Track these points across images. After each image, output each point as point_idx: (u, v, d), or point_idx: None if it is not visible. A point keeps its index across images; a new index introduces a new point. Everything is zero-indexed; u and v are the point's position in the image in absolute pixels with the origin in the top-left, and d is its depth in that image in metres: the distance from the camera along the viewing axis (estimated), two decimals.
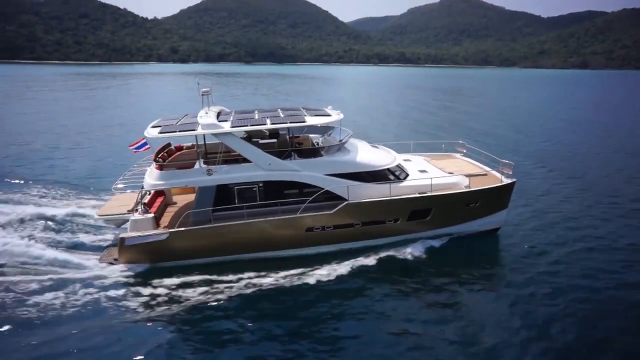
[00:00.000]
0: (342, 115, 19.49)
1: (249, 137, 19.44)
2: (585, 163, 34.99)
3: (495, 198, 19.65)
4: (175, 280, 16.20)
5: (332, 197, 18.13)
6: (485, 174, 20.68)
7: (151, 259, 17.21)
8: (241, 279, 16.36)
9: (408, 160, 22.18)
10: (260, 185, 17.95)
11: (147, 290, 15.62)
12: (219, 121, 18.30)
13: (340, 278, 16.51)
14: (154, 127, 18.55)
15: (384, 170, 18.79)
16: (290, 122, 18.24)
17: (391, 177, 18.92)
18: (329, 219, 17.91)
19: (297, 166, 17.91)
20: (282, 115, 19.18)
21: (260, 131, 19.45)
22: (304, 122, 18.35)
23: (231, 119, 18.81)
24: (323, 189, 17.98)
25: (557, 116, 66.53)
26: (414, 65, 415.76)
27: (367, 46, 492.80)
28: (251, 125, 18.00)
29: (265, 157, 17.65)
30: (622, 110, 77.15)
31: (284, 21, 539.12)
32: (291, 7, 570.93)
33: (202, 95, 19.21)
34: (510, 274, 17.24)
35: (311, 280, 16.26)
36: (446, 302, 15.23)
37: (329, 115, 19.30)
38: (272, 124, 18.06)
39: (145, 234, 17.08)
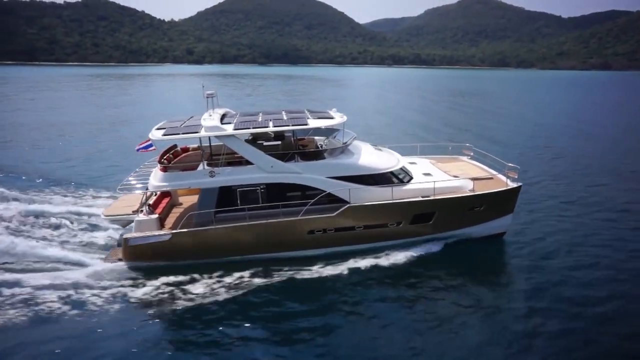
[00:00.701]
0: (345, 118, 19.52)
1: (255, 139, 19.65)
2: (598, 168, 33.84)
3: (500, 202, 19.36)
4: (178, 281, 16.39)
5: (334, 200, 18.16)
6: (491, 178, 20.39)
7: (154, 259, 17.43)
8: (243, 280, 16.49)
9: (413, 163, 22.00)
10: (263, 187, 18.07)
11: (150, 290, 15.85)
12: (223, 123, 18.46)
13: (341, 281, 16.49)
14: (158, 129, 18.82)
15: (386, 173, 18.69)
16: (293, 125, 18.26)
17: (394, 180, 18.75)
18: (330, 221, 17.92)
19: (299, 169, 17.95)
20: (285, 118, 19.25)
21: (266, 133, 19.49)
22: (306, 125, 18.34)
23: (234, 121, 18.93)
24: (325, 191, 18.01)
25: (573, 119, 64.65)
26: (428, 67, 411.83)
27: (382, 47, 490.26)
28: (253, 128, 18.07)
29: (267, 160, 17.74)
30: None
31: (300, 23, 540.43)
32: (307, 8, 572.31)
33: (207, 97, 19.39)
34: (514, 280, 17.02)
35: (311, 283, 16.33)
36: (447, 307, 15.01)
37: (332, 118, 19.30)
38: (275, 126, 18.18)
39: (148, 234, 17.32)
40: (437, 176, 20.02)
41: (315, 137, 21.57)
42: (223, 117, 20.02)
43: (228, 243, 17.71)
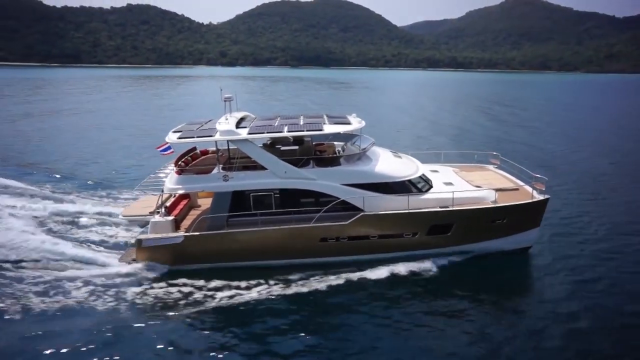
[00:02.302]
0: (363, 123, 19.23)
1: (273, 143, 19.77)
2: (636, 182, 31.25)
3: (525, 215, 18.49)
4: (189, 284, 16.60)
5: (348, 208, 17.81)
6: (517, 189, 19.47)
7: (167, 261, 17.62)
8: (255, 285, 16.56)
9: (435, 171, 21.39)
10: (276, 192, 17.98)
11: (161, 292, 16.17)
12: (239, 128, 18.49)
13: (353, 291, 16.21)
14: (175, 131, 19.14)
15: (403, 181, 18.21)
16: (307, 130, 18.12)
17: (412, 188, 18.25)
18: (343, 229, 17.63)
19: (314, 175, 17.75)
20: (301, 123, 19.16)
21: (286, 138, 19.46)
22: (321, 130, 18.15)
23: (250, 125, 18.91)
24: (339, 198, 17.71)
25: (614, 126, 60.70)
26: (465, 70, 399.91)
27: (417, 50, 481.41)
28: (267, 133, 18.05)
29: (280, 165, 17.61)
30: None
31: (335, 25, 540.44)
32: (344, 11, 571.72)
33: (225, 101, 19.34)
34: (538, 298, 16.22)
35: (320, 291, 16.16)
36: (462, 323, 14.50)
37: (349, 124, 19.02)
38: (289, 131, 18.05)
39: (161, 236, 17.52)
40: (458, 186, 19.28)
41: (335, 143, 21.26)
42: (240, 121, 19.96)
43: (240, 248, 17.63)
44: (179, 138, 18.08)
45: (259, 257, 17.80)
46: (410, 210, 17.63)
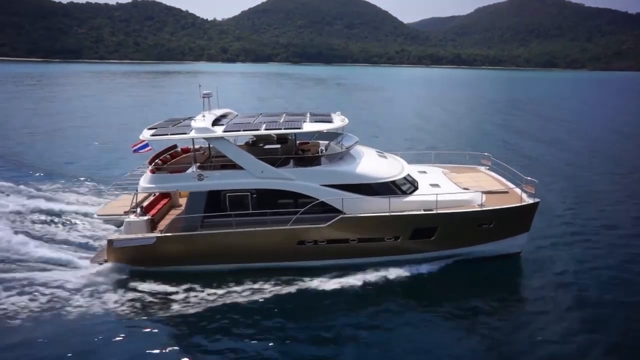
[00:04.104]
0: (346, 122, 18.76)
1: (257, 141, 19.39)
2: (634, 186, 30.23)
3: (513, 219, 17.73)
4: (159, 287, 16.08)
5: (328, 210, 17.11)
6: (507, 192, 18.77)
7: (139, 263, 17.09)
8: (229, 289, 16.02)
9: (423, 172, 20.79)
10: (253, 193, 17.44)
11: (130, 294, 15.70)
12: (218, 125, 18.10)
13: (331, 297, 15.57)
14: (150, 128, 18.65)
15: (386, 182, 17.53)
16: (285, 129, 17.67)
17: (396, 190, 17.55)
18: (322, 232, 16.98)
19: (292, 175, 17.14)
20: (281, 121, 18.70)
21: (269, 136, 19.07)
22: (300, 128, 17.69)
23: (227, 123, 18.56)
24: (318, 199, 17.03)
25: (616, 124, 59.62)
26: (468, 67, 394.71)
27: (422, 47, 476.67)
28: (244, 130, 17.65)
29: (257, 164, 17.03)
30: None
31: (340, 22, 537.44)
32: (349, 7, 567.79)
33: (203, 97, 18.95)
34: (526, 306, 15.68)
35: (297, 296, 15.58)
36: (446, 330, 13.96)
37: (330, 122, 18.49)
38: (267, 129, 17.60)
39: (133, 237, 17.01)
40: (445, 187, 18.66)
41: (320, 142, 20.71)
42: (220, 118, 19.54)
43: (213, 250, 17.07)
44: (153, 135, 17.60)
45: (233, 260, 17.24)
46: (392, 213, 16.90)
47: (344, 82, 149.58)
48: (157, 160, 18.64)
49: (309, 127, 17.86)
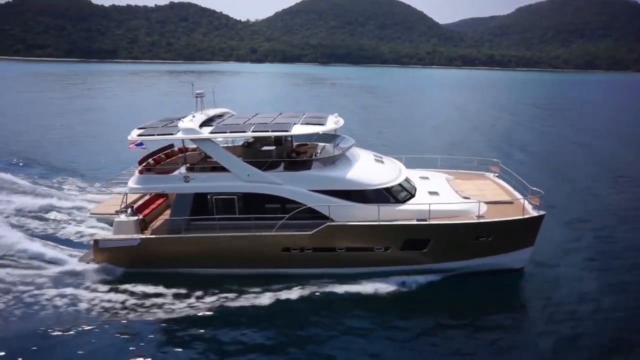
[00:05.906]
0: (341, 124, 18.36)
1: (254, 143, 19.39)
2: None
3: (515, 233, 16.68)
4: (143, 288, 16.14)
5: (316, 216, 16.64)
6: (511, 202, 17.67)
7: (124, 264, 17.22)
8: (211, 294, 15.95)
9: (425, 177, 20.00)
10: (239, 196, 17.15)
11: (112, 295, 15.86)
12: (208, 126, 17.84)
13: (315, 307, 15.22)
14: (139, 128, 18.68)
15: (379, 189, 16.83)
16: (272, 131, 17.28)
17: (389, 197, 16.82)
18: (307, 240, 16.51)
19: (280, 179, 16.73)
20: (271, 122, 18.32)
21: (268, 137, 18.74)
22: (287, 131, 17.20)
23: (216, 124, 18.38)
24: (305, 205, 16.56)
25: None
26: (502, 69, 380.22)
27: (454, 48, 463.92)
28: (230, 132, 17.33)
29: (243, 167, 16.76)
30: None
31: (373, 22, 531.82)
32: (383, 8, 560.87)
33: (196, 97, 18.75)
34: (525, 324, 14.95)
35: (280, 304, 15.26)
36: (436, 346, 13.40)
37: (323, 124, 17.95)
38: (254, 131, 17.28)
39: (118, 237, 17.09)
40: (444, 196, 17.75)
41: (319, 144, 20.27)
42: (215, 118, 19.26)
43: (197, 254, 16.90)
44: (140, 135, 17.44)
45: (217, 264, 16.94)
46: (382, 222, 16.05)
47: (353, 84, 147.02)
48: (149, 160, 18.42)
49: (297, 129, 17.10)
